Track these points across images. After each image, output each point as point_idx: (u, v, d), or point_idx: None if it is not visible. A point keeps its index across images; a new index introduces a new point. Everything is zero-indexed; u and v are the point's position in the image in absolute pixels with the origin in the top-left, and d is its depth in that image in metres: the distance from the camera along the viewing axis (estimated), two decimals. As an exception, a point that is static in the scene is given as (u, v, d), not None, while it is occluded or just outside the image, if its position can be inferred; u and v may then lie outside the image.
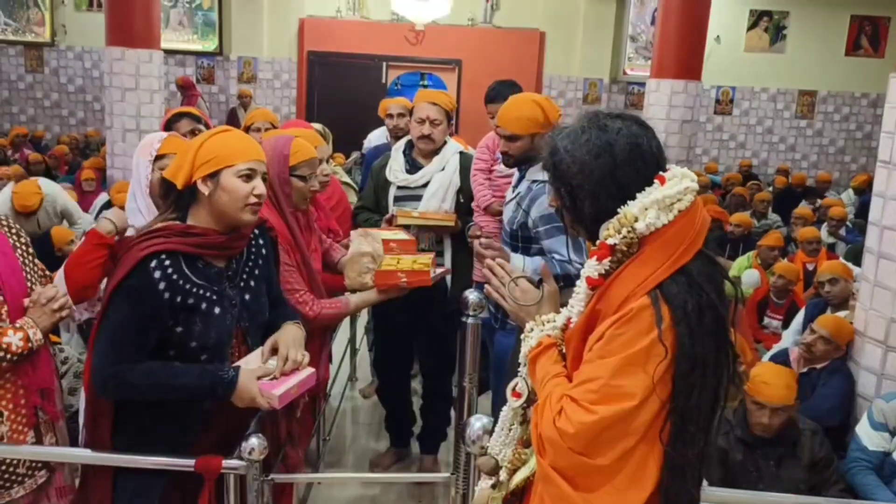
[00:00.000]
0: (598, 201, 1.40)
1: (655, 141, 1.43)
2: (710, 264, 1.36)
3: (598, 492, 1.32)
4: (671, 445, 1.31)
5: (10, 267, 2.05)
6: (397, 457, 3.76)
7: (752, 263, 5.47)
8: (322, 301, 2.61)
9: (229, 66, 11.04)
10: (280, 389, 1.91)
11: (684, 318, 1.30)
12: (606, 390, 1.31)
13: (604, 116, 1.44)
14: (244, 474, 1.94)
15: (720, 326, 1.34)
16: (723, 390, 1.36)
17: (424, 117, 3.27)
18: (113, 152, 6.62)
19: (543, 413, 1.38)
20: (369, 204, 3.46)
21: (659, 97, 6.46)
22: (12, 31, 11.04)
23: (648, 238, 1.35)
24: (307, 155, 2.54)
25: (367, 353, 4.68)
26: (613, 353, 1.32)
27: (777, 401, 2.82)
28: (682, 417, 1.31)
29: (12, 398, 2.05)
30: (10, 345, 1.98)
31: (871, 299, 3.22)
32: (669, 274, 1.32)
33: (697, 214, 1.36)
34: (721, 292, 1.36)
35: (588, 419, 1.30)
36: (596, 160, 1.39)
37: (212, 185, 1.89)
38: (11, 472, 2.07)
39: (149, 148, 2.36)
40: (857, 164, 11.43)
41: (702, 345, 1.31)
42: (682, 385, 1.30)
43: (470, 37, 11.02)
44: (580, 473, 1.33)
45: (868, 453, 2.91)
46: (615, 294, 1.36)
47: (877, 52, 11.12)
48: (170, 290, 1.85)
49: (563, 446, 1.33)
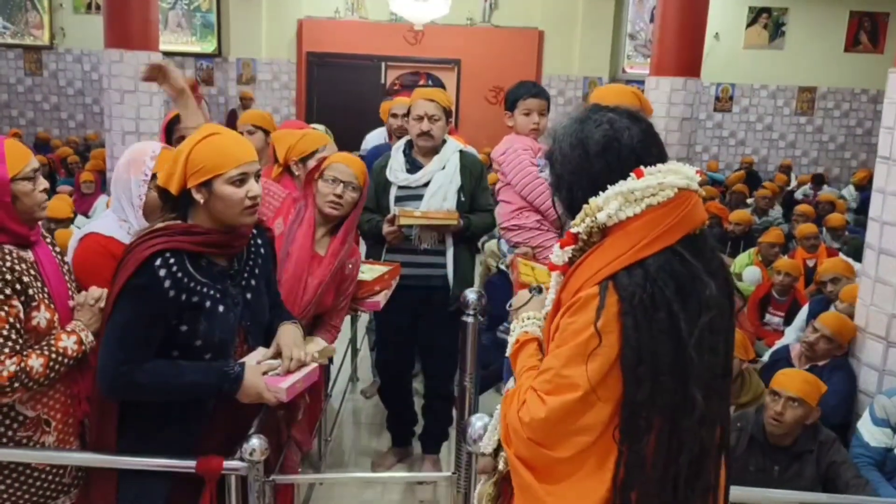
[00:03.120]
0: (573, 192, 1.43)
1: (644, 135, 1.41)
2: (681, 263, 1.32)
3: (559, 485, 1.33)
4: (620, 440, 1.30)
5: (56, 274, 2.05)
6: (399, 456, 3.76)
7: (753, 260, 5.47)
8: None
9: (228, 67, 11.05)
10: (286, 383, 1.93)
11: (631, 310, 1.28)
12: (557, 381, 1.32)
13: (594, 109, 1.46)
14: (245, 475, 1.95)
15: (675, 327, 1.29)
16: (694, 395, 1.31)
17: (422, 114, 3.27)
18: (112, 155, 6.61)
19: (511, 403, 1.41)
20: (370, 204, 3.44)
21: (658, 95, 6.45)
22: (11, 35, 11.05)
23: (612, 229, 1.35)
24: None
25: (368, 354, 4.68)
26: (565, 342, 1.33)
27: (793, 390, 2.77)
28: (631, 411, 1.30)
29: (61, 407, 2.03)
30: (66, 349, 1.95)
31: (871, 295, 3.21)
32: (625, 265, 1.31)
33: (676, 212, 1.33)
34: (685, 295, 1.31)
35: (540, 410, 1.32)
36: (572, 151, 1.42)
37: (206, 194, 1.89)
38: (58, 482, 2.05)
39: (140, 165, 2.23)
40: (858, 161, 11.42)
41: (651, 339, 1.28)
42: (630, 377, 1.29)
43: (469, 36, 11.02)
44: (542, 465, 1.35)
45: (870, 449, 2.90)
46: (573, 283, 1.37)
47: (876, 47, 11.11)
48: (175, 289, 1.86)
49: (524, 436, 1.35)
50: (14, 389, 1.87)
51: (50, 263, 2.05)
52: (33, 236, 2.01)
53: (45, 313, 1.96)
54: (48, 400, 2.00)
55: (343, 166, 2.68)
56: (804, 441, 2.84)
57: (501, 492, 1.60)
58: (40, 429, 2.00)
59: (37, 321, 1.94)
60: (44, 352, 1.92)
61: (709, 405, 1.34)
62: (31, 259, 2.00)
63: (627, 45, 11.18)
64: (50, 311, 1.98)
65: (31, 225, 1.99)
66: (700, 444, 1.35)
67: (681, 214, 1.33)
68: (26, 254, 1.99)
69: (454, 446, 2.51)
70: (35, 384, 1.91)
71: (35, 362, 1.89)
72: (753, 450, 2.88)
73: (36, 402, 1.98)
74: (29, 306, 1.93)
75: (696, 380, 1.31)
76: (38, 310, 1.95)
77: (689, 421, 1.32)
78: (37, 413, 1.98)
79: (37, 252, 2.02)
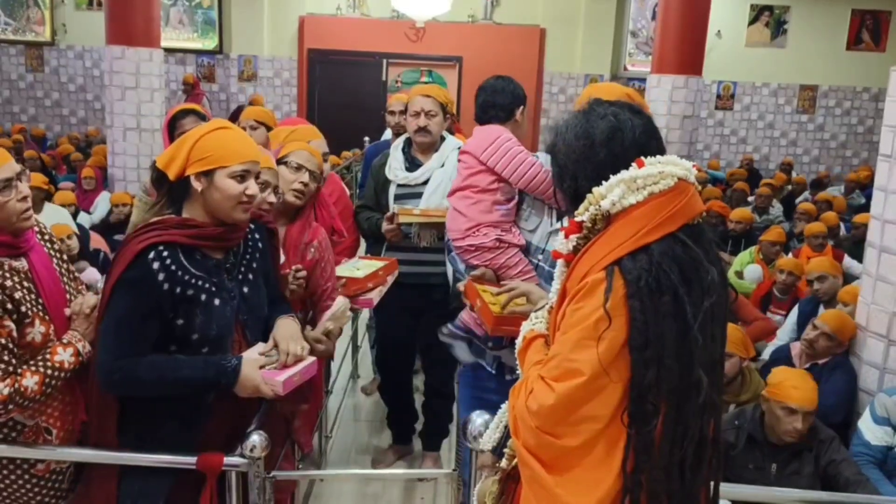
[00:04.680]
0: (577, 181, 1.44)
1: (645, 128, 1.43)
2: (684, 249, 1.34)
3: (568, 474, 1.33)
4: (629, 424, 1.31)
5: (52, 280, 2.02)
6: (399, 453, 3.77)
7: (754, 259, 5.46)
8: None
9: (230, 64, 11.04)
10: (283, 376, 1.93)
11: (637, 293, 1.29)
12: (565, 366, 1.32)
13: (598, 103, 1.48)
14: (246, 471, 1.95)
15: (681, 310, 1.31)
16: (700, 377, 1.32)
17: (419, 110, 3.26)
18: (114, 151, 6.62)
19: (518, 394, 1.41)
20: (370, 203, 3.45)
21: (660, 93, 6.45)
22: (12, 31, 11.05)
23: (616, 216, 1.36)
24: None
25: (369, 351, 4.69)
26: (572, 327, 1.33)
27: (809, 404, 2.75)
28: (639, 394, 1.30)
29: (59, 416, 2.02)
30: (62, 363, 1.94)
31: (872, 293, 3.21)
32: (630, 251, 1.32)
33: (677, 200, 1.35)
34: (689, 279, 1.33)
35: (548, 397, 1.32)
36: (577, 142, 1.44)
37: (205, 183, 1.90)
38: (57, 487, 2.06)
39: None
40: (859, 159, 11.41)
41: (657, 323, 1.29)
42: (638, 360, 1.29)
43: (470, 34, 11.02)
44: (551, 455, 1.35)
45: (871, 448, 2.90)
46: (578, 270, 1.37)
47: (878, 45, 11.09)
48: (169, 282, 1.86)
49: (531, 425, 1.35)
50: (9, 412, 1.87)
51: (45, 269, 2.01)
52: (24, 244, 1.96)
53: (40, 327, 1.94)
54: (46, 408, 1.99)
55: (307, 154, 2.61)
56: (803, 440, 2.83)
57: (505, 489, 1.60)
58: (41, 437, 1.99)
59: (31, 336, 1.92)
60: (38, 369, 1.90)
61: (710, 392, 1.35)
62: (25, 268, 1.95)
63: (629, 42, 11.17)
64: (45, 325, 1.95)
65: (15, 234, 1.93)
66: (700, 432, 1.36)
67: (681, 202, 1.35)
68: (19, 263, 1.94)
69: (454, 443, 2.51)
70: (31, 402, 1.90)
71: (29, 381, 1.87)
72: (751, 448, 2.87)
73: (34, 412, 1.97)
74: (22, 323, 1.90)
75: (701, 363, 1.33)
76: (33, 325, 1.92)
77: (693, 404, 1.33)
78: (35, 421, 1.98)
79: (31, 259, 1.98)
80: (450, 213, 2.66)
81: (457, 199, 2.61)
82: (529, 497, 1.39)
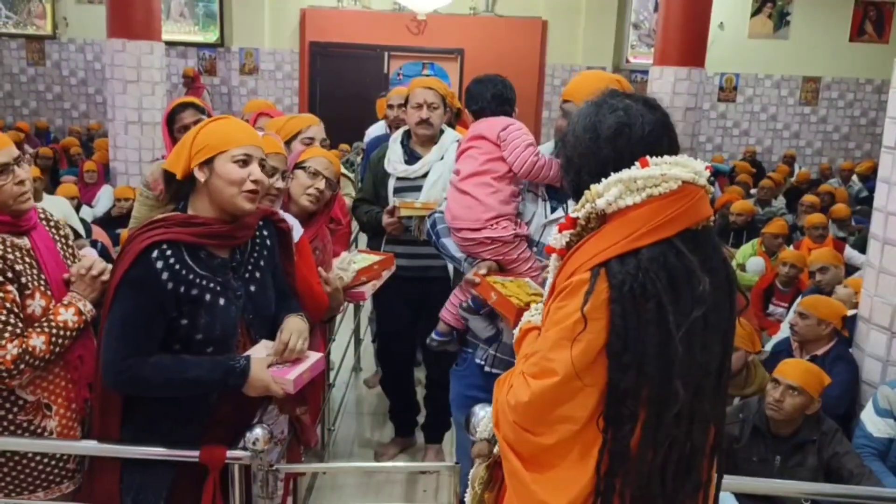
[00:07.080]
0: (580, 175, 1.42)
1: (656, 125, 1.39)
2: (676, 257, 1.30)
3: (545, 473, 1.33)
4: (605, 428, 1.30)
5: (54, 259, 2.05)
6: (402, 446, 3.77)
7: (756, 251, 5.46)
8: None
9: (231, 57, 11.01)
10: (293, 374, 1.92)
11: (619, 298, 1.27)
12: (543, 364, 1.32)
13: (612, 95, 1.45)
14: (249, 464, 1.95)
15: (664, 319, 1.28)
16: (676, 389, 1.29)
17: (421, 102, 3.26)
18: (115, 144, 6.62)
19: (503, 387, 1.41)
20: (369, 196, 3.44)
21: (662, 85, 6.42)
22: (14, 24, 11.03)
23: (611, 216, 1.34)
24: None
25: (370, 344, 4.69)
26: (553, 325, 1.32)
27: (792, 378, 2.78)
28: (616, 399, 1.29)
29: (62, 392, 2.03)
30: (66, 322, 1.96)
31: (875, 285, 3.20)
32: (619, 253, 1.30)
33: (677, 205, 1.31)
34: (677, 288, 1.29)
35: (524, 394, 1.32)
36: (584, 134, 1.42)
37: (207, 172, 1.88)
38: (62, 467, 2.07)
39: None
40: (862, 151, 11.37)
41: (637, 329, 1.27)
42: (615, 365, 1.28)
43: (472, 26, 10.97)
44: (528, 451, 1.35)
45: (873, 440, 2.90)
46: (568, 268, 1.36)
47: (881, 37, 11.04)
48: (173, 280, 1.85)
49: (510, 419, 1.35)
50: (21, 371, 1.88)
51: (48, 249, 2.04)
52: (25, 223, 1.99)
53: (41, 301, 1.96)
54: (48, 384, 2.00)
55: (326, 161, 2.65)
56: (806, 431, 2.84)
57: (493, 476, 1.61)
58: (41, 413, 2.00)
59: (31, 309, 1.95)
60: (44, 329, 1.92)
61: (697, 402, 1.32)
62: (27, 246, 1.98)
63: (631, 34, 11.12)
64: (45, 299, 1.97)
65: (15, 215, 1.96)
66: (691, 443, 1.34)
67: (682, 208, 1.31)
68: (21, 241, 1.98)
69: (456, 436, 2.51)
70: (41, 362, 1.92)
71: (37, 341, 1.90)
72: (756, 440, 2.88)
73: (35, 387, 1.98)
74: (23, 294, 1.92)
75: (680, 374, 1.29)
76: (33, 297, 1.95)
77: (670, 414, 1.30)
78: (37, 397, 1.99)
79: (33, 238, 2.01)
80: (460, 199, 2.41)
81: (473, 185, 2.37)
82: (510, 488, 1.41)
